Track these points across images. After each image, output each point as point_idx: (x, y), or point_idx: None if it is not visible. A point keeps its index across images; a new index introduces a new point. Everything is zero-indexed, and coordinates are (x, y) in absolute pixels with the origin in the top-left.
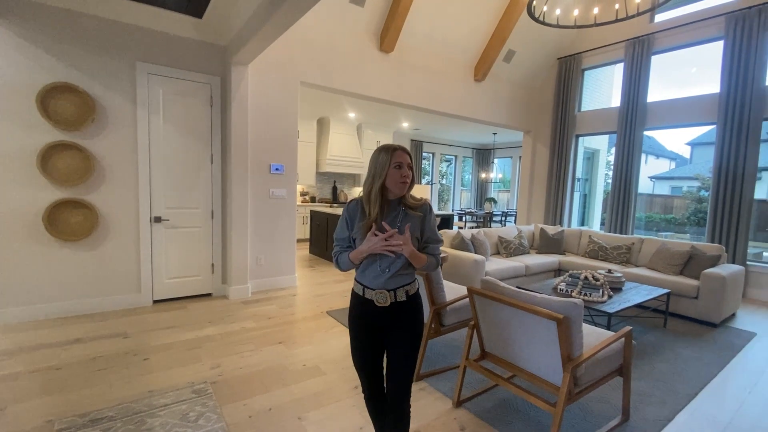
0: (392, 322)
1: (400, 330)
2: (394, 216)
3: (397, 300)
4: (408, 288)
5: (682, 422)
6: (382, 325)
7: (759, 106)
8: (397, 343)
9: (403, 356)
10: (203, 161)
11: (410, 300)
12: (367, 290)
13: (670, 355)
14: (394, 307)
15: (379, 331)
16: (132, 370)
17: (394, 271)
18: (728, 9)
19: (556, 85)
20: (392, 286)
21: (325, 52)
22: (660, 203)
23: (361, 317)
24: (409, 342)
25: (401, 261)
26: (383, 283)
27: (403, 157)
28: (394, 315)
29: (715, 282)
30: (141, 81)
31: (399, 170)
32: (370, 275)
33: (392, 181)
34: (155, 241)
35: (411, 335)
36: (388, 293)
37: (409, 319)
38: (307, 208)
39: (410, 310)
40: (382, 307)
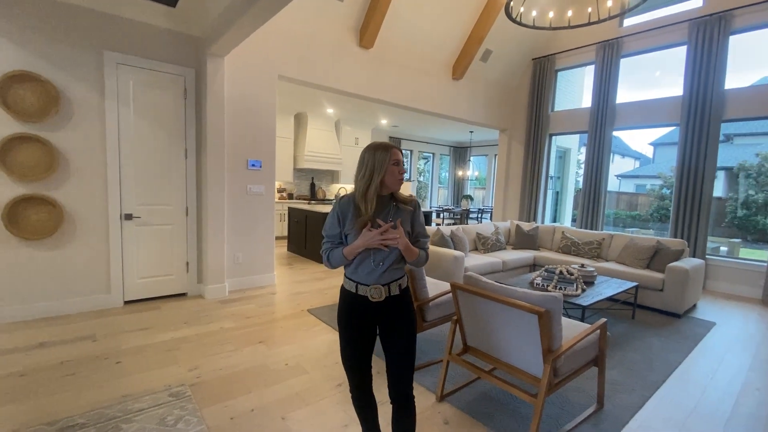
0: (388, 316)
1: (397, 322)
2: (386, 211)
3: (391, 294)
4: (400, 282)
5: (651, 409)
6: (376, 320)
7: (718, 109)
8: (395, 336)
9: (403, 347)
10: (177, 156)
11: (403, 293)
12: (360, 287)
13: (639, 345)
14: (388, 302)
15: (373, 328)
16: (103, 374)
17: (387, 266)
18: (691, 16)
19: (531, 85)
20: (386, 280)
21: (304, 46)
22: (626, 200)
23: (354, 315)
24: (407, 333)
25: (394, 255)
26: (377, 278)
27: (399, 155)
28: (389, 309)
29: (678, 275)
30: (109, 71)
31: (397, 167)
32: (363, 271)
33: (391, 178)
34: (126, 239)
35: (408, 327)
36: (383, 288)
37: (405, 311)
38: (284, 205)
39: (404, 302)
40: (377, 303)
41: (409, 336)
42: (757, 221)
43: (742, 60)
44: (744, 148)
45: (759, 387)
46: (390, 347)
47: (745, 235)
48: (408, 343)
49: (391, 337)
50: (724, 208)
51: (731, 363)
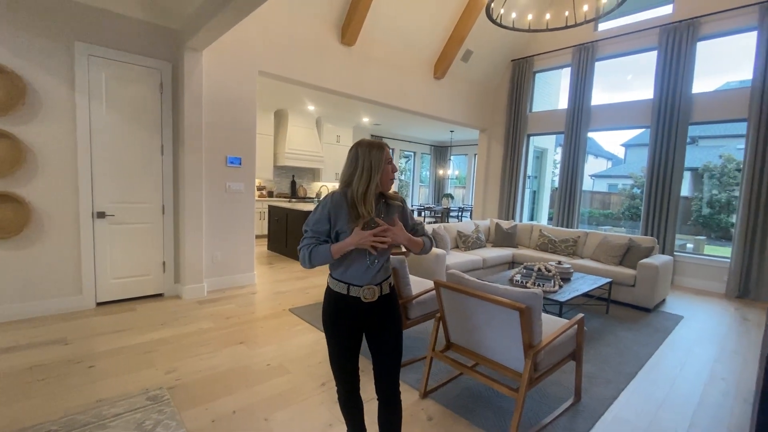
0: (378, 315)
1: (387, 320)
2: (378, 209)
3: (383, 293)
4: (390, 280)
5: (625, 401)
6: (366, 321)
7: (686, 112)
8: (385, 335)
9: (393, 345)
10: (153, 152)
11: (392, 291)
12: (353, 288)
13: (612, 339)
14: (380, 301)
15: (361, 328)
16: (76, 378)
17: (381, 265)
18: (662, 22)
19: (510, 86)
20: (379, 280)
21: (285, 42)
22: (599, 199)
23: (343, 317)
24: (395, 331)
25: (386, 253)
26: (371, 278)
27: (389, 153)
28: (380, 308)
29: (649, 271)
30: (80, 63)
31: (390, 166)
32: (356, 272)
33: (386, 177)
34: (98, 238)
35: (397, 324)
36: (376, 288)
37: (394, 309)
38: (264, 203)
39: (393, 300)
40: (369, 303)
41: (397, 334)
42: (720, 219)
43: (708, 66)
44: (708, 150)
45: (724, 377)
46: (379, 345)
47: (709, 233)
48: (397, 341)
49: (381, 335)
50: (690, 207)
51: (698, 355)
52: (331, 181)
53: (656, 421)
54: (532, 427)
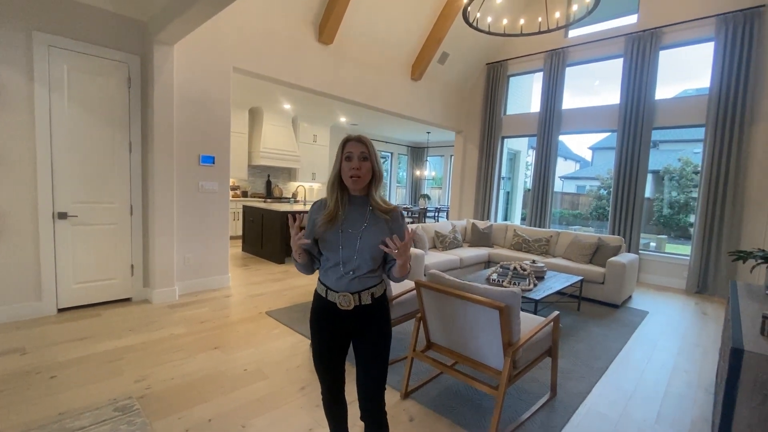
0: (357, 325)
1: (367, 334)
2: (360, 215)
3: (362, 303)
4: (373, 290)
5: (598, 394)
6: (346, 328)
7: (650, 117)
8: (363, 349)
9: (372, 363)
10: (120, 149)
11: (376, 302)
12: (330, 292)
13: (584, 335)
14: (358, 311)
15: (344, 335)
16: (35, 390)
17: (358, 274)
18: (627, 31)
19: (485, 89)
20: (356, 288)
21: (260, 39)
22: (568, 200)
23: (324, 321)
24: (376, 346)
25: (367, 265)
26: (346, 285)
27: (355, 147)
28: (358, 318)
29: (617, 269)
30: (39, 54)
31: (348, 162)
32: (332, 276)
33: (344, 176)
34: (60, 240)
35: (379, 339)
36: (352, 296)
37: (375, 322)
38: (238, 203)
39: (376, 312)
40: (346, 311)
41: (380, 351)
42: (680, 219)
43: (671, 73)
44: (668, 154)
45: (687, 369)
46: (359, 360)
47: (669, 232)
48: (378, 361)
49: (360, 350)
50: (652, 208)
51: (663, 348)
52: (308, 180)
53: (627, 413)
54: (511, 423)
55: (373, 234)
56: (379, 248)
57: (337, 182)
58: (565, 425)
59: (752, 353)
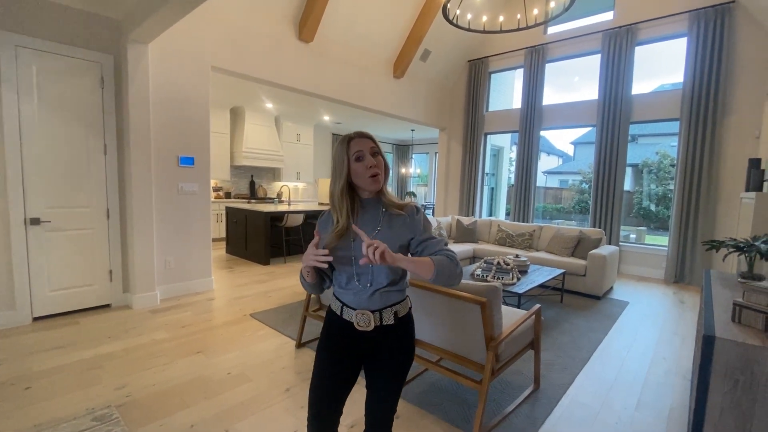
0: (375, 350)
1: (385, 359)
2: (372, 218)
3: (383, 323)
4: (397, 308)
5: (579, 385)
6: (361, 354)
7: (627, 112)
8: (379, 377)
9: (386, 393)
10: (94, 152)
11: (399, 323)
12: (346, 309)
13: (567, 327)
14: (378, 332)
15: (357, 360)
16: (9, 403)
17: (378, 287)
18: (604, 27)
19: (467, 86)
20: (377, 306)
21: (239, 37)
22: (551, 194)
23: (335, 343)
24: (394, 373)
25: (384, 274)
26: (366, 302)
27: (363, 144)
28: (377, 342)
29: (598, 261)
30: (6, 54)
31: (361, 162)
32: (349, 292)
33: (360, 178)
34: (33, 247)
35: (398, 367)
36: (372, 315)
37: (397, 347)
38: (221, 204)
39: (399, 335)
40: (363, 332)
41: (397, 379)
42: (659, 211)
43: (648, 68)
44: (646, 147)
45: (665, 357)
46: (372, 386)
47: (649, 224)
48: (394, 388)
49: (375, 375)
50: (632, 200)
51: (643, 337)
52: (292, 180)
53: (608, 402)
54: (495, 416)
55: (388, 238)
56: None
57: (346, 191)
58: (548, 416)
59: (723, 339)
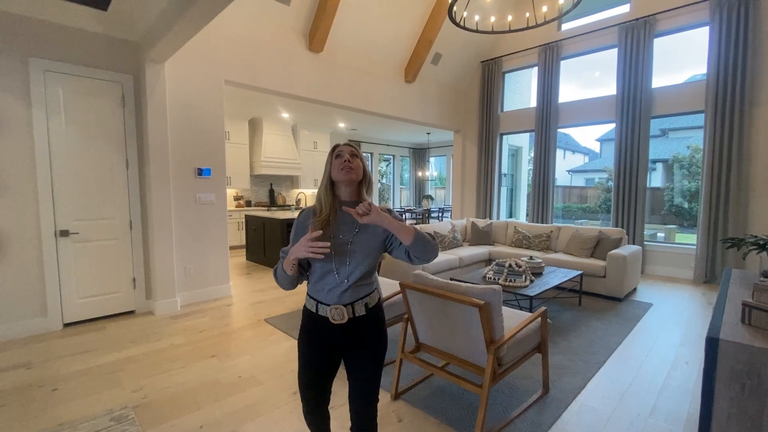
0: (351, 340)
1: (361, 348)
2: (352, 220)
3: (356, 315)
4: (367, 300)
5: (592, 389)
6: (338, 344)
7: (647, 106)
8: (357, 364)
9: (366, 376)
10: (117, 167)
11: (370, 313)
12: (320, 306)
13: (583, 330)
14: (352, 323)
15: (335, 351)
16: (37, 403)
17: (353, 281)
18: (620, 20)
19: (481, 86)
20: (349, 299)
21: (251, 51)
22: (576, 194)
23: (313, 337)
24: (371, 359)
25: (360, 268)
26: (338, 297)
27: (344, 148)
28: (352, 332)
29: (618, 261)
30: (36, 79)
31: (339, 159)
32: (324, 288)
33: (336, 172)
34: (63, 257)
35: (374, 351)
36: (345, 308)
37: (371, 335)
38: (241, 213)
39: (371, 324)
40: (338, 325)
41: (374, 365)
42: (692, 208)
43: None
44: (677, 142)
45: (688, 360)
46: (352, 374)
47: (681, 221)
48: (372, 374)
49: (354, 364)
50: (663, 197)
51: (665, 340)
52: (310, 187)
53: (621, 407)
54: (500, 420)
55: (367, 238)
56: (374, 252)
57: (328, 187)
58: (555, 422)
59: (728, 342)
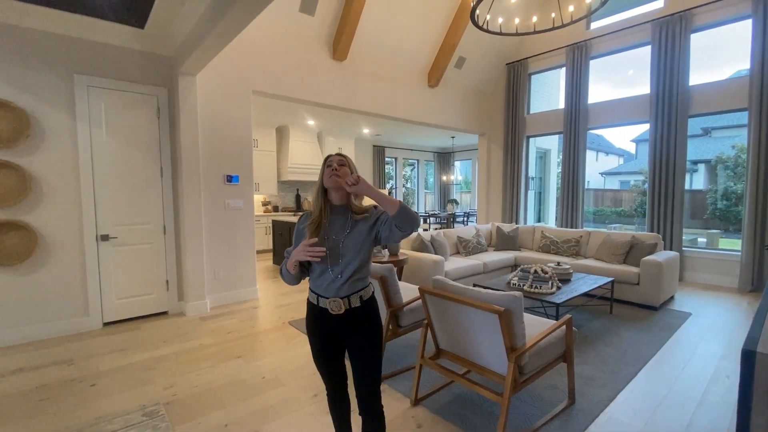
0: (348, 328)
1: (358, 335)
2: (343, 222)
3: (351, 306)
4: (361, 293)
5: (622, 401)
6: (339, 332)
7: (684, 105)
8: (357, 349)
9: (366, 360)
10: (152, 175)
11: (364, 304)
12: (321, 299)
13: (614, 339)
14: (348, 314)
15: (338, 338)
16: (78, 397)
17: (347, 277)
18: (654, 16)
19: (506, 89)
20: (345, 293)
21: (276, 61)
22: (610, 197)
23: (317, 327)
24: (369, 345)
25: (353, 265)
26: (336, 291)
27: (333, 157)
28: (349, 321)
29: (653, 268)
30: (80, 94)
31: (329, 168)
32: (323, 283)
33: (326, 180)
34: (103, 260)
35: (370, 338)
36: (342, 301)
37: (366, 323)
38: (269, 218)
39: (365, 313)
40: (337, 315)
41: (372, 349)
42: (738, 211)
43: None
44: (721, 141)
45: (729, 374)
46: (354, 360)
47: (726, 226)
48: (371, 358)
49: (354, 351)
50: (705, 200)
51: (704, 352)
52: None
53: (652, 422)
54: (523, 430)
55: (355, 236)
56: (364, 248)
57: (321, 193)
58: None
59: (765, 355)
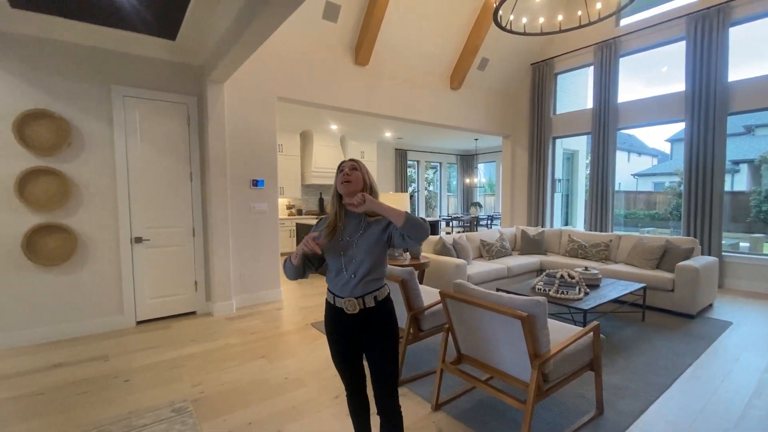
0: (364, 328)
1: (373, 336)
2: (356, 225)
3: (366, 306)
4: (376, 294)
5: (654, 412)
6: (354, 332)
7: (723, 102)
8: (373, 349)
9: (382, 360)
10: (183, 179)
11: (379, 305)
12: (337, 299)
13: (646, 348)
14: (363, 314)
15: (354, 337)
16: (112, 392)
17: (360, 276)
18: (689, 10)
19: (531, 89)
20: (360, 293)
21: (300, 68)
22: (643, 199)
23: (334, 325)
24: (383, 345)
25: (366, 264)
26: (351, 290)
27: (346, 163)
28: (364, 321)
29: (689, 274)
30: (117, 104)
31: (340, 174)
32: (339, 283)
33: (338, 185)
34: (136, 261)
35: (384, 338)
36: (356, 300)
37: (380, 323)
38: (293, 221)
39: (380, 314)
40: (352, 315)
41: (386, 350)
42: None
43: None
44: (766, 139)
45: None
46: (370, 360)
47: None
48: (386, 358)
49: (369, 351)
50: (748, 202)
51: (746, 363)
52: None
53: None
54: None
55: (368, 237)
56: (376, 249)
57: (336, 198)
58: None
59: None
